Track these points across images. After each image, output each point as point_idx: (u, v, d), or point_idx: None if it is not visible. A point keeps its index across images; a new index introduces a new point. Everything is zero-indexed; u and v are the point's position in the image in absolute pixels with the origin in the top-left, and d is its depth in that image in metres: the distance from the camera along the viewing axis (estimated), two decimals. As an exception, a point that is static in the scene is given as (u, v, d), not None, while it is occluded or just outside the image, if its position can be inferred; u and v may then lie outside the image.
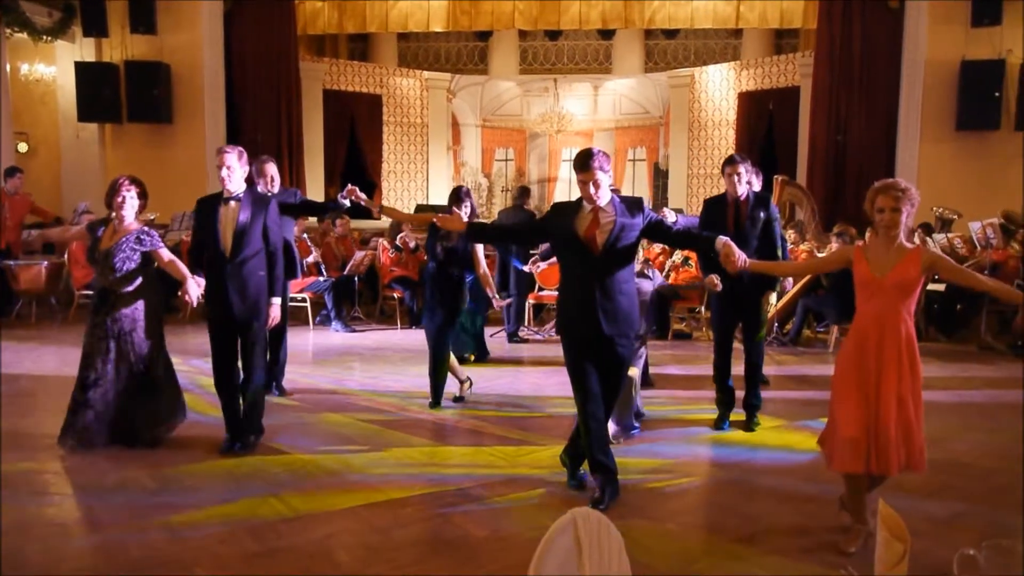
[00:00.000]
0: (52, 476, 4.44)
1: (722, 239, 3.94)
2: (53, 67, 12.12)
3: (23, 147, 12.22)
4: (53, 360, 7.28)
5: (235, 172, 4.75)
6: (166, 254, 4.81)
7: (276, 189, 6.06)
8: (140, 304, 4.75)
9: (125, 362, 4.71)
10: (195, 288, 4.68)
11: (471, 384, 6.16)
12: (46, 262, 9.47)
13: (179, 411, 4.99)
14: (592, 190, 3.87)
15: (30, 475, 4.41)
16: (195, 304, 4.73)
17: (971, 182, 10.65)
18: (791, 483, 4.41)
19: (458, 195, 5.94)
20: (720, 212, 5.37)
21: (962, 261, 9.24)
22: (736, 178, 5.27)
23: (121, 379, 4.72)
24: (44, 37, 11.10)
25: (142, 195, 4.79)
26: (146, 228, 4.82)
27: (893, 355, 3.49)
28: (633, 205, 3.99)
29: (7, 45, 10.87)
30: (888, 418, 3.44)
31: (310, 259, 9.66)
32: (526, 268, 8.49)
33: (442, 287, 5.76)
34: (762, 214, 5.30)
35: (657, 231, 4.07)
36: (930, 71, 10.98)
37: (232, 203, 4.75)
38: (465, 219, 5.70)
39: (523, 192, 9.43)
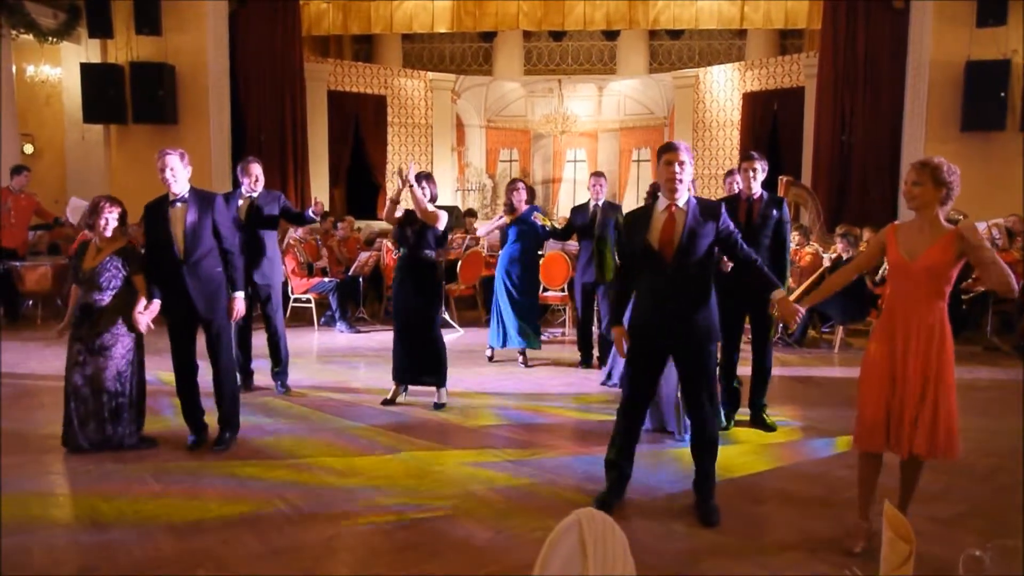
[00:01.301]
0: (56, 477, 4.45)
1: (780, 293, 3.87)
2: (59, 68, 12.15)
3: (29, 148, 12.26)
4: (58, 361, 7.26)
5: (179, 173, 4.75)
6: (141, 277, 4.84)
7: (259, 189, 6.10)
8: (122, 320, 4.78)
9: (103, 379, 4.72)
10: (144, 319, 4.74)
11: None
12: (52, 263, 9.49)
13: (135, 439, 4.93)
14: (677, 169, 3.74)
15: (34, 476, 4.43)
16: (143, 330, 4.78)
17: (976, 183, 10.56)
18: (796, 484, 4.40)
19: (416, 179, 5.80)
20: (732, 209, 5.35)
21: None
22: (752, 174, 5.26)
23: (100, 398, 4.73)
24: (49, 39, 11.12)
25: (123, 215, 4.82)
26: (128, 246, 4.86)
27: (921, 340, 3.42)
28: (709, 211, 3.84)
29: (13, 47, 10.90)
30: (909, 402, 3.40)
31: (320, 263, 9.71)
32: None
33: (417, 272, 5.76)
34: (775, 213, 5.28)
35: (725, 244, 3.89)
36: (935, 71, 10.95)
37: (179, 204, 4.78)
38: (426, 201, 5.65)
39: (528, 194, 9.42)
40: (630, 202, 17.11)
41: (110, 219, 4.72)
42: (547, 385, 6.65)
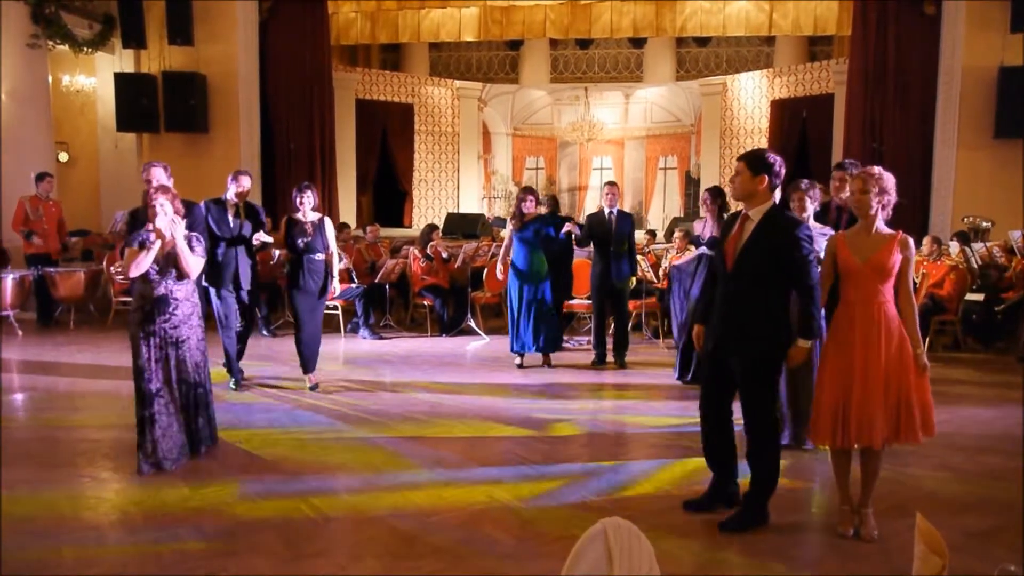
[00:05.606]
0: (87, 479, 4.51)
1: (804, 344, 3.73)
2: (93, 78, 12.39)
3: (64, 156, 12.50)
4: (89, 366, 7.41)
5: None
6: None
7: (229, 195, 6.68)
8: (195, 309, 4.79)
9: (184, 371, 4.68)
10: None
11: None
12: (85, 269, 9.65)
13: (213, 435, 5.01)
14: (737, 180, 3.89)
15: (66, 478, 4.49)
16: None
17: (1009, 190, 10.44)
18: (826, 494, 4.34)
19: (299, 188, 6.46)
20: (823, 218, 5.33)
21: (1002, 271, 9.08)
22: (843, 184, 5.25)
23: (180, 391, 4.69)
24: (84, 49, 11.35)
25: (175, 198, 4.72)
26: (193, 234, 4.80)
27: (877, 335, 3.60)
28: (778, 227, 3.72)
29: (49, 57, 11.12)
30: (875, 394, 3.57)
31: (340, 266, 9.74)
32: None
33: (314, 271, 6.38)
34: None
35: (788, 264, 3.70)
36: (967, 77, 10.80)
37: None
38: (310, 210, 6.35)
39: (552, 201, 9.42)
40: (656, 209, 17.08)
41: (166, 206, 4.59)
42: (571, 393, 6.63)
